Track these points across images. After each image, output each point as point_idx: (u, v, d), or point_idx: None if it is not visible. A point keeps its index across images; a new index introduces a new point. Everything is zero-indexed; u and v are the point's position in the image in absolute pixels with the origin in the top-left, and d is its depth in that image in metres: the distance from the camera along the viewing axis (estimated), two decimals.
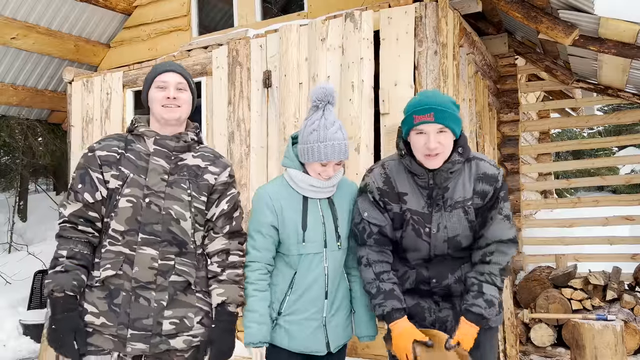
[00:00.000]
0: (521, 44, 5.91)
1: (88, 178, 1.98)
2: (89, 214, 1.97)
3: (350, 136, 4.15)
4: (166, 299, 1.95)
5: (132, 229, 1.95)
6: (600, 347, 3.62)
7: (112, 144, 2.05)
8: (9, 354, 5.56)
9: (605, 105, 8.88)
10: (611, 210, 6.26)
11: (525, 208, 6.43)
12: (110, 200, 1.98)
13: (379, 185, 2.17)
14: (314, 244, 2.20)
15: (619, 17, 3.82)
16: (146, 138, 2.06)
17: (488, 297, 2.06)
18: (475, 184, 2.09)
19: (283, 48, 4.49)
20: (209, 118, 5.01)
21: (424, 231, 2.11)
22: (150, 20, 6.73)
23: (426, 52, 3.96)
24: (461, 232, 2.10)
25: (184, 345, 1.99)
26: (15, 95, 7.08)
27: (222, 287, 2.08)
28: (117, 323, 1.91)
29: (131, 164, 2.01)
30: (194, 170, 2.09)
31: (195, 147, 2.15)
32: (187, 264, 2.01)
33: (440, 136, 2.00)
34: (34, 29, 6.33)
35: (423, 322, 2.19)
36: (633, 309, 4.76)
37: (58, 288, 1.87)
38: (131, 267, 1.93)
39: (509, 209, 2.13)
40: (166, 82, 2.06)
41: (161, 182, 2.00)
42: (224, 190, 2.14)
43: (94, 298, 1.93)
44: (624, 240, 5.86)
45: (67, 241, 1.94)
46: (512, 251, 2.11)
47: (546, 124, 7.15)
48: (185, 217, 2.01)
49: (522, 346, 4.80)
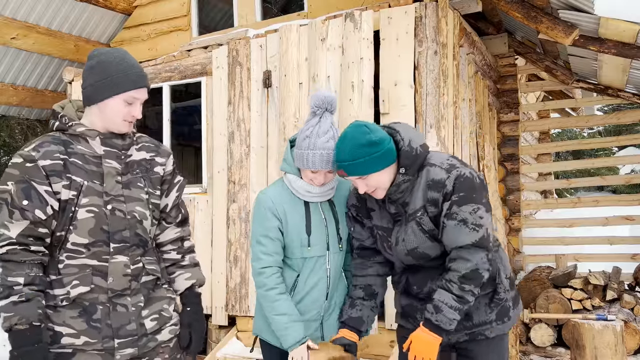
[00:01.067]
0: (521, 44, 5.91)
1: (34, 192, 1.74)
2: (38, 230, 1.75)
3: None
4: (142, 300, 1.91)
5: (99, 240, 1.81)
6: (600, 347, 3.62)
7: (52, 149, 1.79)
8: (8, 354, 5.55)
9: (605, 105, 8.89)
10: (611, 210, 6.27)
11: (525, 208, 6.43)
12: (64, 213, 1.78)
13: (353, 202, 2.26)
14: (317, 248, 2.21)
15: (619, 17, 3.82)
16: (89, 138, 1.85)
17: (436, 302, 1.98)
18: (426, 193, 2.03)
19: (283, 48, 4.49)
20: (209, 118, 5.01)
21: (387, 245, 2.15)
22: (150, 20, 6.73)
23: (426, 52, 3.96)
24: (419, 244, 2.06)
25: (169, 335, 1.99)
26: (15, 95, 7.08)
27: (188, 271, 2.10)
28: (102, 337, 1.81)
29: (80, 170, 1.80)
30: (144, 165, 1.96)
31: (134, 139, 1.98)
32: (152, 261, 1.97)
33: (367, 180, 2.02)
34: (34, 29, 6.33)
35: (415, 321, 2.18)
36: (633, 309, 4.76)
37: (23, 320, 1.69)
38: (104, 278, 1.82)
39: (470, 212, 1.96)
40: (136, 99, 1.87)
41: (117, 185, 1.86)
42: (172, 179, 2.07)
43: (66, 318, 1.78)
44: (624, 240, 5.86)
45: (19, 266, 1.72)
46: (476, 256, 1.96)
47: (546, 124, 7.15)
48: (146, 216, 1.93)
49: (522, 346, 4.80)
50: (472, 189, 1.99)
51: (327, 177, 2.18)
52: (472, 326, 2.11)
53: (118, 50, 1.90)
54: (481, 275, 1.98)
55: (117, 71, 1.82)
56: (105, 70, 1.82)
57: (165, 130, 5.42)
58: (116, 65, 1.83)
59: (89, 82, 1.85)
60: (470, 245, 1.96)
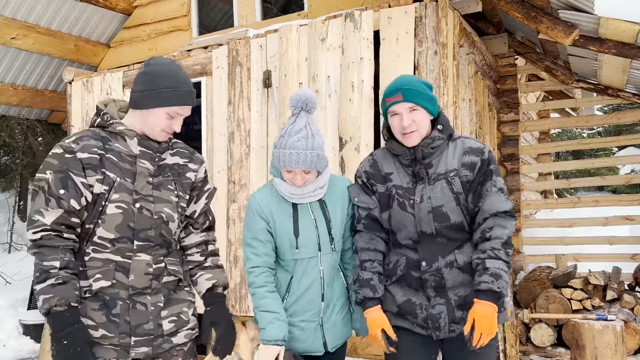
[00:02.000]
0: (521, 44, 5.91)
1: (71, 183, 1.81)
2: (71, 220, 1.82)
3: (350, 136, 4.15)
4: (162, 300, 1.94)
5: (125, 236, 1.86)
6: (600, 347, 3.62)
7: (91, 144, 1.86)
8: (9, 354, 5.56)
9: (605, 105, 8.88)
10: (611, 210, 6.26)
11: (525, 208, 6.43)
12: (94, 206, 1.84)
13: (366, 169, 2.29)
14: (307, 249, 2.21)
15: (619, 17, 3.82)
16: (127, 138, 1.92)
17: (493, 270, 2.01)
18: (461, 158, 2.14)
19: (283, 48, 4.49)
20: (209, 118, 5.01)
21: (408, 203, 2.16)
22: (150, 20, 6.73)
23: (426, 52, 3.96)
24: (445, 203, 2.11)
25: (185, 339, 2.01)
26: (15, 95, 7.08)
27: (210, 272, 2.12)
28: (119, 333, 1.85)
29: (115, 167, 1.87)
30: (176, 170, 2.03)
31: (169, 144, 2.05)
32: (175, 262, 2.01)
33: (413, 114, 2.11)
34: (34, 29, 6.33)
35: (415, 319, 2.17)
36: (633, 309, 4.76)
37: (62, 302, 1.73)
38: (126, 275, 1.86)
39: (503, 183, 2.14)
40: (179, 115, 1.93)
41: (147, 186, 1.92)
42: (203, 186, 2.12)
43: (88, 310, 1.84)
44: (624, 240, 5.86)
45: (54, 250, 1.79)
46: (511, 224, 2.09)
47: (546, 124, 7.15)
48: (173, 219, 1.97)
49: (522, 346, 4.80)
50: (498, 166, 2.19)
51: (304, 177, 2.15)
52: None
53: (173, 64, 1.96)
54: (512, 243, 2.09)
55: (167, 85, 1.88)
56: (156, 81, 1.88)
57: None
58: (168, 80, 1.88)
59: (139, 88, 1.91)
60: (507, 212, 2.09)
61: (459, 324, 2.12)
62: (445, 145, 2.18)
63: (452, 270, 2.13)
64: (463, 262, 2.14)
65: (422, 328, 2.19)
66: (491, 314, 2.01)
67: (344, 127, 4.19)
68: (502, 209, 2.08)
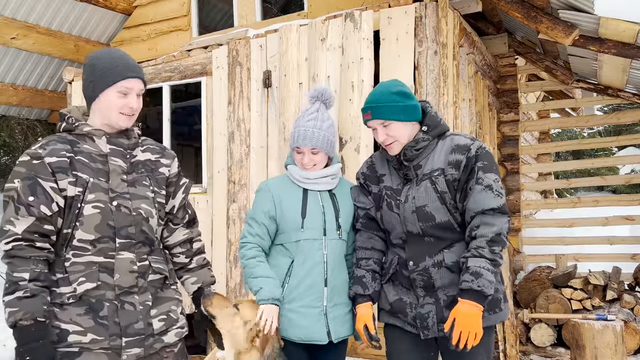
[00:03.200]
0: (521, 44, 5.91)
1: (40, 189, 1.77)
2: (44, 227, 1.78)
3: (350, 136, 4.15)
4: (150, 299, 1.92)
5: (105, 236, 1.83)
6: (600, 347, 3.62)
7: (59, 147, 1.83)
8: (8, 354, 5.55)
9: (605, 105, 8.88)
10: (611, 210, 6.26)
11: (525, 208, 6.43)
12: (70, 210, 1.81)
13: (364, 170, 2.38)
14: (312, 231, 2.26)
15: (619, 17, 3.82)
16: (95, 137, 1.90)
17: (473, 269, 1.98)
18: (448, 156, 2.14)
19: (283, 48, 4.49)
20: (209, 118, 5.01)
21: (395, 203, 2.19)
22: (150, 20, 6.73)
23: (426, 52, 3.96)
24: (429, 202, 2.12)
25: (175, 338, 2.00)
26: (15, 95, 7.08)
27: (195, 275, 2.15)
28: (109, 335, 1.81)
29: (86, 167, 1.84)
30: (149, 165, 2.01)
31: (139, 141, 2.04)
32: (159, 260, 1.99)
33: (387, 129, 2.15)
34: (34, 29, 6.33)
35: (405, 318, 2.19)
36: (633, 309, 4.76)
37: (28, 316, 1.69)
38: (110, 275, 1.83)
39: (493, 180, 2.08)
40: (130, 90, 1.89)
41: (122, 183, 1.90)
42: (177, 181, 2.11)
43: (73, 315, 1.79)
44: (624, 240, 5.86)
45: (25, 262, 1.73)
46: (500, 221, 2.04)
47: (546, 124, 7.14)
48: (152, 215, 1.96)
49: (522, 346, 4.80)
50: (493, 161, 2.14)
51: (312, 159, 2.29)
52: None
53: (110, 48, 2.00)
54: (504, 240, 2.05)
55: (106, 65, 1.88)
56: (95, 67, 1.89)
57: (165, 130, 5.42)
58: (105, 60, 1.89)
59: (85, 83, 1.92)
60: (494, 209, 2.04)
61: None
62: (434, 144, 2.19)
63: (441, 270, 2.13)
64: (452, 261, 2.12)
65: (412, 327, 2.20)
66: (471, 313, 1.97)
67: (344, 127, 4.19)
68: (488, 207, 2.04)
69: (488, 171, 2.09)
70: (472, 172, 2.09)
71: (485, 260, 2.00)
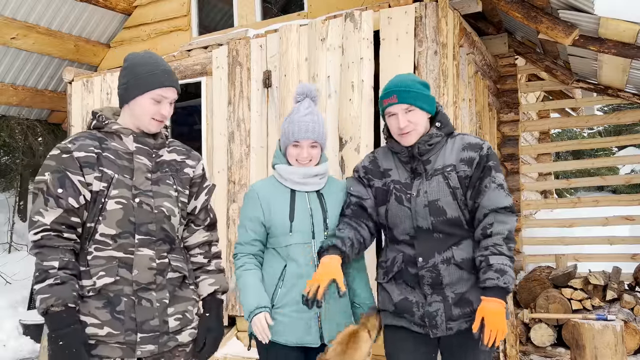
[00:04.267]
0: (521, 44, 5.91)
1: (69, 182, 1.84)
2: (71, 219, 1.84)
3: (350, 136, 4.15)
4: (167, 297, 1.94)
5: (126, 232, 1.87)
6: (600, 347, 3.62)
7: (87, 143, 1.90)
8: (9, 354, 5.56)
9: (605, 105, 8.88)
10: (611, 210, 6.26)
11: (525, 208, 6.43)
12: (94, 204, 1.86)
13: (365, 164, 2.35)
14: (301, 234, 2.26)
15: (619, 17, 3.82)
16: (123, 136, 1.96)
17: (497, 266, 2.00)
18: (459, 154, 2.16)
19: (283, 48, 4.49)
20: (209, 118, 5.01)
21: (405, 197, 2.18)
22: (150, 20, 6.73)
23: (426, 52, 3.96)
24: (441, 197, 2.13)
25: (189, 338, 2.02)
26: (15, 95, 7.07)
27: (212, 277, 2.15)
28: (124, 330, 1.85)
29: (112, 164, 1.90)
30: (174, 165, 2.05)
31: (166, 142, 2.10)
32: (179, 259, 2.02)
33: (409, 115, 2.14)
34: (34, 29, 6.33)
35: (412, 317, 2.18)
36: (633, 309, 4.76)
37: (59, 302, 1.74)
38: (129, 270, 1.87)
39: (503, 180, 2.14)
40: (164, 98, 1.95)
41: (146, 181, 1.94)
42: (202, 182, 2.15)
43: (91, 308, 1.83)
44: (624, 240, 5.86)
45: (54, 250, 1.80)
46: (511, 220, 2.07)
47: (546, 124, 7.15)
48: (175, 213, 1.99)
49: (522, 346, 4.80)
50: (499, 163, 2.17)
51: (310, 153, 2.28)
52: (472, 312, 2.10)
53: (148, 53, 2.03)
54: (514, 238, 2.07)
55: (145, 71, 1.93)
56: (134, 71, 1.95)
57: None
58: (144, 66, 1.95)
59: (121, 83, 1.99)
60: (507, 208, 2.08)
61: (456, 322, 2.12)
62: (443, 142, 2.21)
63: (449, 267, 2.12)
64: (461, 258, 2.13)
65: (419, 326, 2.18)
66: (500, 311, 1.99)
67: (344, 127, 4.19)
68: (501, 205, 2.07)
69: (499, 171, 2.14)
70: (485, 170, 2.12)
71: (506, 257, 2.02)
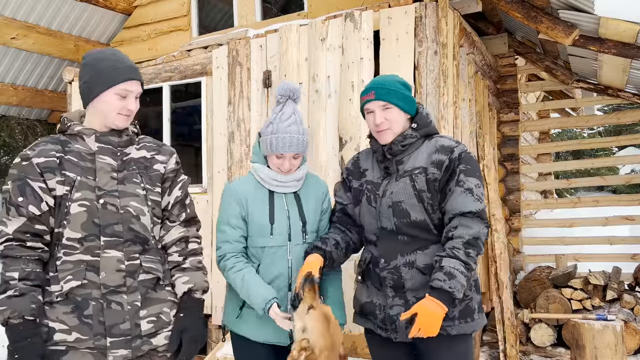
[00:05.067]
0: (521, 44, 5.91)
1: (29, 189, 1.80)
2: (35, 227, 1.80)
3: (350, 136, 4.15)
4: (139, 299, 1.88)
5: (91, 234, 1.82)
6: (600, 347, 3.62)
7: (48, 148, 1.85)
8: None
9: (605, 105, 8.88)
10: (611, 210, 6.26)
11: (525, 208, 6.43)
12: (59, 209, 1.82)
13: (348, 166, 2.40)
14: (279, 237, 2.25)
15: (619, 17, 3.82)
16: (85, 137, 1.91)
17: (447, 269, 1.95)
18: (431, 156, 2.14)
19: (283, 48, 4.49)
20: (209, 118, 5.01)
21: (373, 197, 2.19)
22: (150, 20, 6.73)
23: (426, 52, 3.96)
24: (405, 199, 2.11)
25: (165, 341, 1.95)
26: (15, 95, 7.08)
27: (187, 275, 2.03)
28: (93, 335, 1.80)
29: (75, 166, 1.85)
30: (142, 163, 1.98)
31: (135, 139, 2.03)
32: (152, 260, 1.95)
33: (386, 113, 2.14)
34: (34, 29, 6.33)
35: (375, 319, 2.17)
36: (633, 309, 4.76)
37: (15, 314, 1.71)
38: (97, 273, 1.82)
39: (475, 185, 2.06)
40: (129, 92, 1.90)
41: (112, 181, 1.88)
42: (175, 177, 2.07)
43: (59, 314, 1.79)
44: (624, 240, 5.86)
45: (15, 261, 1.76)
46: (477, 225, 2.01)
47: (546, 124, 7.15)
48: (144, 212, 1.92)
49: (522, 346, 4.80)
50: (476, 167, 2.12)
51: (292, 163, 2.26)
52: None
53: (109, 49, 1.99)
54: (481, 245, 2.02)
55: (107, 66, 1.88)
56: (95, 67, 1.89)
57: (165, 130, 5.42)
58: (106, 61, 1.89)
59: (82, 82, 1.92)
60: (473, 213, 2.03)
61: None
62: (419, 143, 2.19)
63: (412, 271, 2.09)
64: (424, 263, 2.09)
65: (382, 330, 2.17)
66: (435, 313, 1.94)
67: (344, 127, 4.19)
68: (467, 209, 2.01)
69: (470, 175, 2.07)
70: (453, 173, 2.07)
71: (460, 263, 1.96)
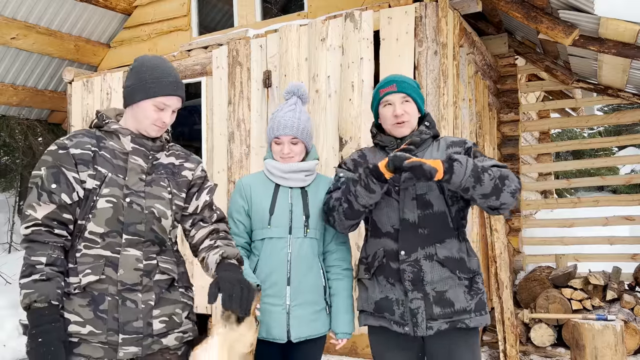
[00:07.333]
0: (521, 44, 5.91)
1: (63, 177, 1.84)
2: (63, 216, 1.83)
3: (350, 136, 4.15)
4: (153, 298, 1.91)
5: (114, 230, 1.86)
6: (600, 347, 3.62)
7: (85, 141, 1.91)
8: (8, 354, 5.56)
9: (605, 105, 8.87)
10: (611, 210, 6.27)
11: (525, 208, 6.43)
12: (86, 202, 1.86)
13: (354, 157, 2.36)
14: (278, 229, 2.27)
15: (619, 17, 3.82)
16: (121, 136, 1.96)
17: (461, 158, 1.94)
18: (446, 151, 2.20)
19: (283, 48, 4.49)
20: (209, 118, 5.01)
21: (394, 189, 2.18)
22: (150, 20, 6.73)
23: (426, 52, 3.96)
24: (428, 191, 2.14)
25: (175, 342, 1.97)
26: (15, 95, 7.08)
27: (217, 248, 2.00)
28: (106, 330, 1.82)
29: (107, 163, 1.90)
30: (170, 169, 2.04)
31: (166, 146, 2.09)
32: (168, 261, 1.99)
33: (405, 105, 2.19)
34: (34, 29, 6.33)
35: (392, 316, 2.13)
36: (633, 309, 4.76)
37: (42, 298, 1.73)
38: (115, 270, 1.85)
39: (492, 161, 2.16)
40: (167, 106, 1.95)
41: (140, 182, 1.93)
42: (202, 183, 2.13)
43: (75, 306, 1.82)
44: (624, 240, 5.86)
45: (43, 246, 1.79)
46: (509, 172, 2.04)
47: (546, 124, 7.15)
48: (166, 215, 1.96)
49: (522, 346, 4.80)
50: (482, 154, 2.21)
51: (292, 149, 2.30)
52: (453, 313, 2.07)
53: (157, 58, 2.02)
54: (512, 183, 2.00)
55: (151, 77, 1.93)
56: (140, 75, 1.94)
57: None
58: (151, 71, 1.94)
59: (127, 84, 1.98)
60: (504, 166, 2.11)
61: (437, 321, 2.07)
62: (430, 141, 2.26)
63: (432, 264, 2.10)
64: (444, 256, 2.10)
65: (400, 325, 2.13)
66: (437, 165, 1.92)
67: (344, 127, 4.19)
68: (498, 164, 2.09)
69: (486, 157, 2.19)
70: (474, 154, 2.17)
71: (475, 166, 1.96)
